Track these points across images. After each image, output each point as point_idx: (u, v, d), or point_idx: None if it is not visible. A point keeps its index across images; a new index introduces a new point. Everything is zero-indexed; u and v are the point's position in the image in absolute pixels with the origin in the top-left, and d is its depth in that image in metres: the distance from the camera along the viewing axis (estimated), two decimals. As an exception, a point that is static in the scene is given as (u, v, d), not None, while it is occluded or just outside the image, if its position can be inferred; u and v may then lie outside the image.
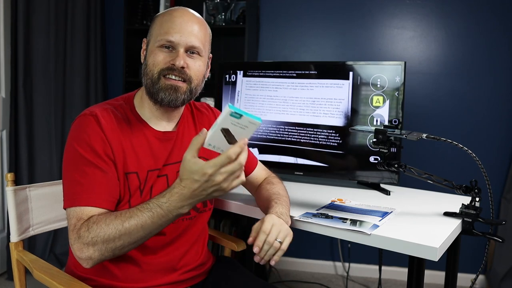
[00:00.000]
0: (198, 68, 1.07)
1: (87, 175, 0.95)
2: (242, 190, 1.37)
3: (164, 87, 1.03)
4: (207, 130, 0.98)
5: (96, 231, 0.89)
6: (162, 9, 2.52)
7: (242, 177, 0.88)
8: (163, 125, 1.11)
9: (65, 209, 0.97)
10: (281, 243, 0.98)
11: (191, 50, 1.05)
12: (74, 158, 0.98)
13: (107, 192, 0.97)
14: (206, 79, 1.14)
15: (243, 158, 0.85)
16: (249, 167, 1.27)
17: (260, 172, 1.29)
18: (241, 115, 0.80)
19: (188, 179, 0.86)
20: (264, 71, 1.72)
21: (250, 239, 0.99)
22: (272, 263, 0.98)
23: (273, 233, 0.97)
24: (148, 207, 0.90)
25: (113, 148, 1.00)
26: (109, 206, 0.97)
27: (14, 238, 1.17)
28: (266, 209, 1.13)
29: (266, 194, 1.18)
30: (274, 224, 0.99)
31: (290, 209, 1.16)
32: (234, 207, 1.31)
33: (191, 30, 1.04)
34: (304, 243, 2.62)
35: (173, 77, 1.03)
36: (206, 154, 0.98)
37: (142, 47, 1.12)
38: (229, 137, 0.84)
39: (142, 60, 1.10)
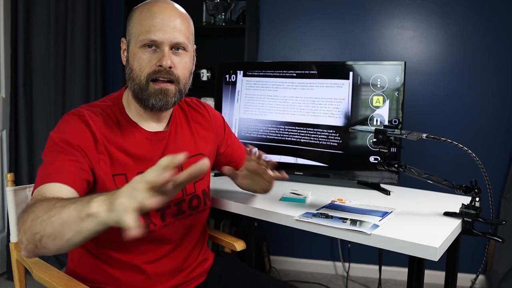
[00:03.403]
0: (185, 65, 1.02)
1: (58, 158, 0.91)
2: (242, 190, 1.37)
3: (154, 93, 0.99)
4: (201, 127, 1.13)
5: (34, 210, 0.76)
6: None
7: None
8: (153, 126, 1.08)
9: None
10: None
11: (176, 47, 1.00)
12: (49, 147, 0.94)
13: (78, 175, 0.90)
14: (192, 73, 1.09)
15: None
16: (238, 166, 1.28)
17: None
18: None
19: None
20: (264, 71, 1.72)
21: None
22: None
23: None
24: (80, 198, 0.77)
25: (98, 147, 0.96)
26: (75, 186, 0.89)
27: (14, 238, 1.17)
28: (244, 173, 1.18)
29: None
30: None
31: (290, 209, 1.17)
32: (234, 207, 1.31)
33: (174, 25, 0.98)
34: (304, 243, 2.62)
35: (161, 78, 0.98)
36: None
37: (122, 47, 1.05)
38: None
39: (123, 62, 1.04)
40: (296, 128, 1.66)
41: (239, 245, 1.37)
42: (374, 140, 1.16)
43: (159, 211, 1.04)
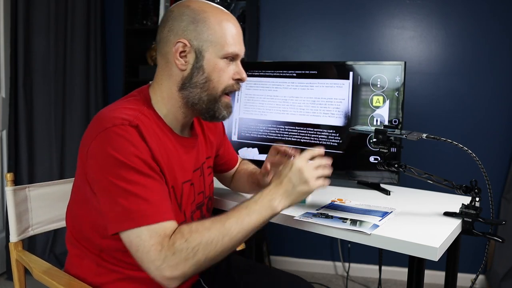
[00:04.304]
0: None
1: (146, 188, 0.83)
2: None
3: (225, 106, 0.99)
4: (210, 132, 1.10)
5: (197, 239, 0.82)
6: (162, 9, 2.50)
7: (325, 182, 0.96)
8: (184, 131, 1.04)
9: (121, 231, 0.82)
10: None
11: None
12: (123, 171, 0.82)
13: (169, 202, 0.89)
14: None
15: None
16: (232, 164, 1.33)
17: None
18: None
19: (281, 175, 0.93)
20: (264, 71, 1.72)
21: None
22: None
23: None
24: (243, 205, 0.89)
25: (158, 162, 0.89)
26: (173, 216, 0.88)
27: (13, 238, 1.17)
28: (257, 180, 1.19)
29: (249, 170, 1.26)
30: None
31: (290, 208, 1.16)
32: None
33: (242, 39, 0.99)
34: (304, 243, 2.62)
35: (236, 91, 1.00)
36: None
37: (179, 48, 0.93)
38: None
39: (179, 66, 0.94)
40: (296, 128, 1.66)
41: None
42: (374, 140, 1.16)
43: (192, 219, 1.03)
